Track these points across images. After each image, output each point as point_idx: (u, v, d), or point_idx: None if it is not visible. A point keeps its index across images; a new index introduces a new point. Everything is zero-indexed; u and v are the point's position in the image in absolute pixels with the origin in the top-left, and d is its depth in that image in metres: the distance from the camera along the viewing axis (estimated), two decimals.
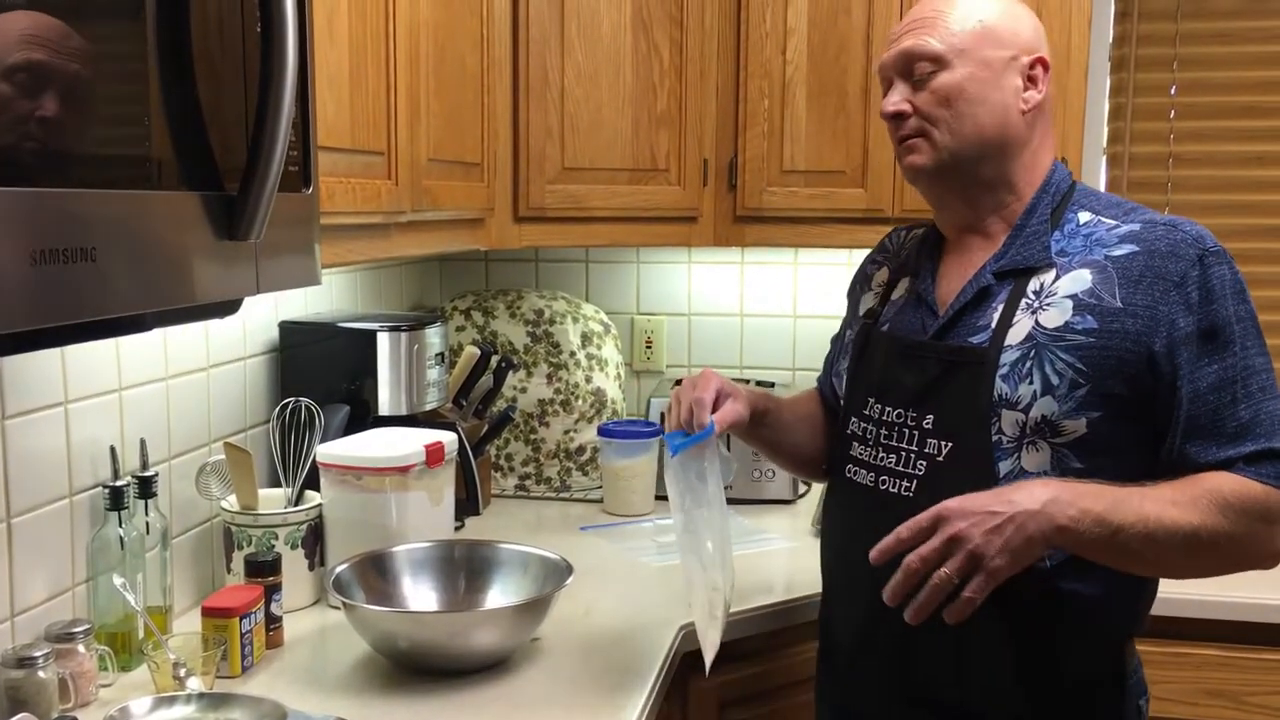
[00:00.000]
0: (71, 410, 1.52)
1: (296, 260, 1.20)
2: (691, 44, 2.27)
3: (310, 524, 1.78)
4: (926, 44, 1.43)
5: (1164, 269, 1.34)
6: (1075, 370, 1.35)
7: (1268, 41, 2.57)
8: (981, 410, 1.38)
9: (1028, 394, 1.36)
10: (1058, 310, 1.37)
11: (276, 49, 1.04)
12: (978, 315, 1.42)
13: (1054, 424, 1.35)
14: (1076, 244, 1.41)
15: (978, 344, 1.40)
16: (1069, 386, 1.34)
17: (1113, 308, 1.35)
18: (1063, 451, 1.36)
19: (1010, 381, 1.37)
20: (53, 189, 0.85)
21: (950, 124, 1.42)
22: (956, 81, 1.41)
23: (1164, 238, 1.37)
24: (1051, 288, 1.39)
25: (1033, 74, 1.44)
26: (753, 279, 2.73)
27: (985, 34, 1.42)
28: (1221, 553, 1.33)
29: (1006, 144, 1.44)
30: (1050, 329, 1.37)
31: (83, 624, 1.43)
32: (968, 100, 1.41)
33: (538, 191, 2.19)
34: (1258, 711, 1.97)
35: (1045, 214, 1.44)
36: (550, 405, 2.50)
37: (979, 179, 1.45)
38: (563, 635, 1.68)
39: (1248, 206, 2.61)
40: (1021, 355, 1.37)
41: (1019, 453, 1.37)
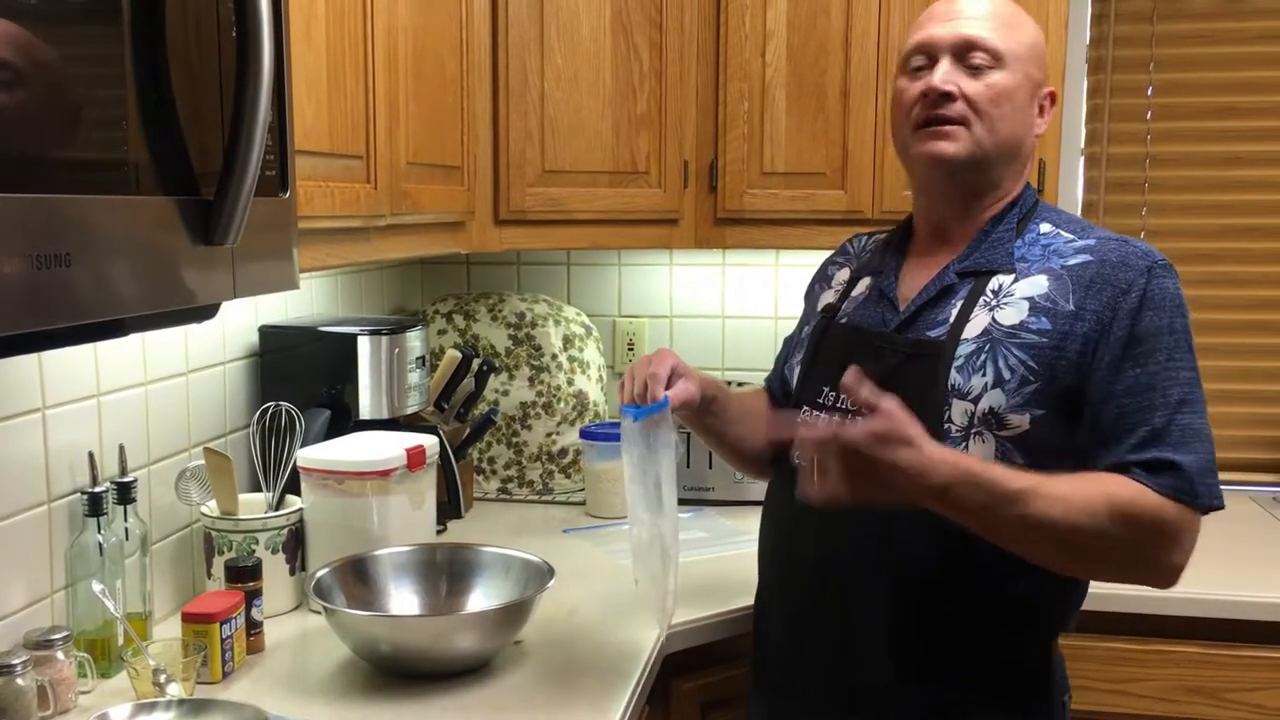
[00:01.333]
0: (49, 416, 1.51)
1: (274, 264, 1.20)
2: (671, 46, 2.28)
3: (291, 529, 1.78)
4: (992, 38, 1.45)
5: (1114, 277, 1.39)
6: (1026, 367, 1.39)
7: (1244, 43, 2.59)
8: (935, 399, 1.41)
9: (979, 385, 1.40)
10: (1014, 309, 1.42)
11: (252, 53, 1.03)
12: (937, 311, 1.47)
13: (1000, 416, 1.39)
14: (1035, 252, 1.46)
15: (936, 337, 1.45)
16: (1019, 382, 1.39)
17: (1065, 310, 1.39)
18: (1007, 445, 1.39)
19: (964, 373, 1.41)
20: (27, 194, 0.84)
21: (993, 123, 1.45)
22: (1012, 84, 1.46)
23: (1116, 250, 1.42)
24: (1010, 289, 1.44)
25: (1043, 104, 1.51)
26: (734, 281, 2.74)
27: (1034, 53, 1.49)
28: (1104, 556, 1.33)
29: (1018, 158, 1.51)
30: (1006, 326, 1.41)
31: (62, 631, 1.42)
32: (1014, 106, 1.46)
33: (518, 194, 2.19)
34: (1237, 708, 1.98)
35: (1012, 223, 1.49)
36: (532, 408, 2.50)
37: (988, 181, 1.50)
38: (545, 638, 1.68)
39: (1224, 207, 2.63)
40: (976, 349, 1.41)
41: (966, 442, 1.40)
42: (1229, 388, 2.65)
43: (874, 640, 1.46)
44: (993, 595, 1.42)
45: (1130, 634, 1.99)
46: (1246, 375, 2.65)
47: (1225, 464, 2.59)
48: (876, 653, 1.46)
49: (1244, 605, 1.97)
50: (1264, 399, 2.65)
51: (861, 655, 1.48)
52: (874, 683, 1.47)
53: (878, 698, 1.47)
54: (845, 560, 1.48)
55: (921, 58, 1.49)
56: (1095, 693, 2.00)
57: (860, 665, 1.48)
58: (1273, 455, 2.65)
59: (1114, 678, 2.00)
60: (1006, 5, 1.51)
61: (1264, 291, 2.63)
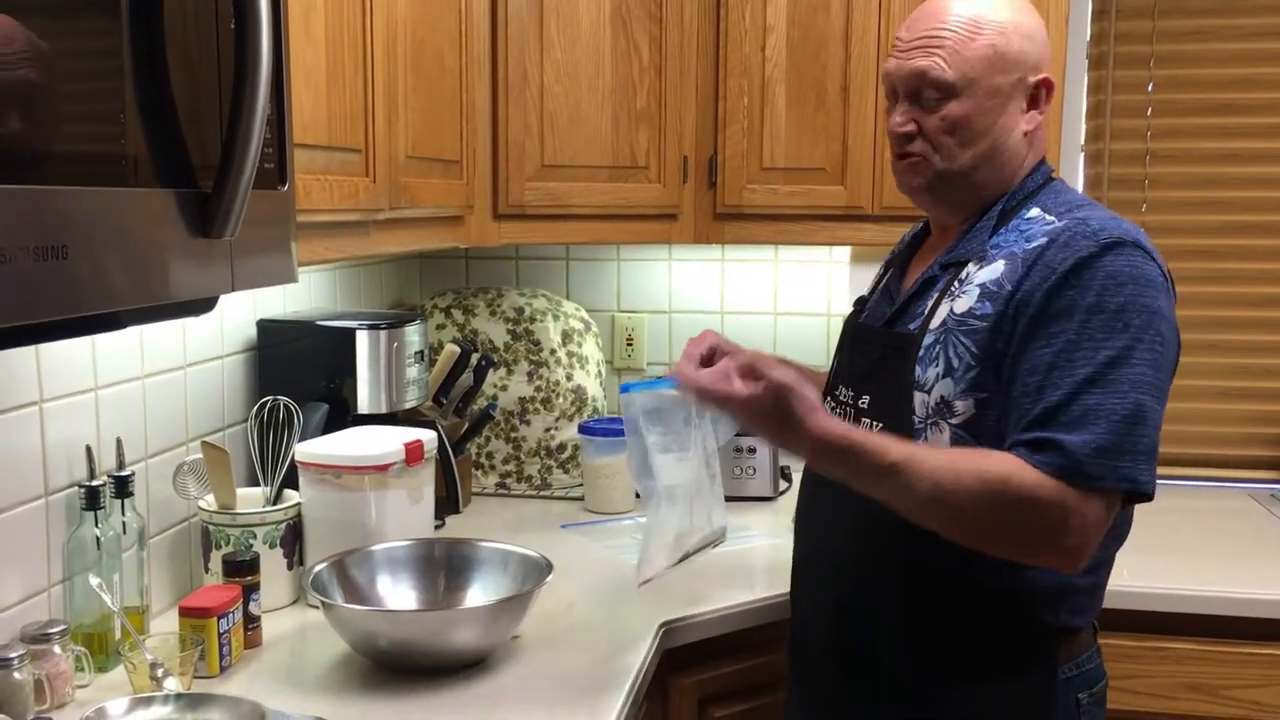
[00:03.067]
0: (47, 410, 1.51)
1: (272, 258, 1.20)
2: (671, 41, 2.27)
3: (289, 523, 1.77)
4: (938, 71, 1.43)
5: (1054, 257, 1.36)
6: (970, 354, 1.39)
7: (1244, 39, 2.59)
8: (903, 392, 1.43)
9: (932, 376, 1.42)
10: (967, 298, 1.42)
11: (251, 45, 1.03)
12: (919, 304, 1.48)
13: (949, 404, 1.40)
14: (1010, 238, 1.44)
15: (911, 330, 1.46)
16: (964, 369, 1.39)
17: (1006, 293, 1.38)
18: (959, 432, 1.40)
19: (923, 364, 1.43)
20: (24, 186, 0.84)
21: (953, 150, 1.46)
22: (964, 113, 1.44)
23: (1070, 230, 1.37)
24: (972, 276, 1.43)
25: (1035, 95, 1.47)
26: (733, 276, 2.74)
27: (995, 60, 1.43)
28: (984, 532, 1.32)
29: (1003, 162, 1.48)
30: (958, 314, 1.42)
31: (59, 625, 1.42)
32: (972, 131, 1.45)
33: (517, 189, 2.19)
34: (1235, 705, 1.98)
35: (995, 213, 1.47)
36: (531, 403, 2.50)
37: (972, 188, 1.49)
38: (543, 633, 1.68)
39: (1224, 203, 2.63)
40: (934, 340, 1.43)
41: (925, 433, 1.42)
42: (1227, 384, 2.65)
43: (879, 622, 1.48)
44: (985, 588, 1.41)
45: (1128, 630, 1.99)
46: (1244, 372, 2.64)
47: (1223, 461, 2.65)
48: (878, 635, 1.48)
49: (1242, 602, 1.97)
50: (1262, 396, 2.65)
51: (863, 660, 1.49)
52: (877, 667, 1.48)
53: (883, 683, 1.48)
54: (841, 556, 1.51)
55: (889, 91, 1.51)
56: None
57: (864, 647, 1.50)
58: (1270, 452, 2.65)
59: (1112, 674, 1.97)
60: (965, 14, 1.44)
61: (1263, 288, 2.63)
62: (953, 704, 1.44)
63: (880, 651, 1.47)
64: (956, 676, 1.44)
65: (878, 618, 1.47)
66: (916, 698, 1.46)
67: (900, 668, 1.46)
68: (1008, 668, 1.43)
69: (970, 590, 1.41)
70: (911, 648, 1.46)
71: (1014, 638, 1.43)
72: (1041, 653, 1.43)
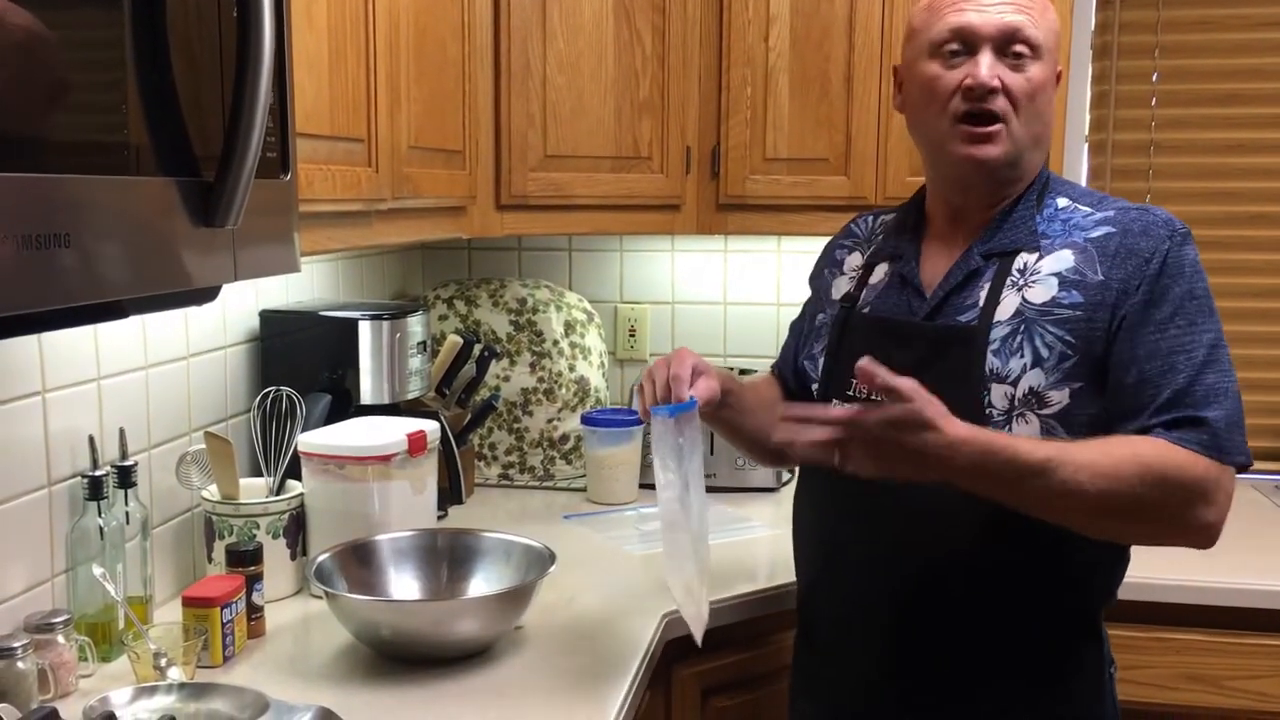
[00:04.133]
0: (50, 399, 1.51)
1: (275, 247, 1.19)
2: (673, 31, 2.27)
3: (292, 513, 1.77)
4: (1032, 28, 1.41)
5: (1137, 246, 1.40)
6: (1064, 343, 1.38)
7: (1248, 29, 2.58)
8: (974, 385, 1.40)
9: (1018, 367, 1.39)
10: (1043, 287, 1.41)
11: (253, 34, 1.03)
12: (965, 295, 1.45)
13: (1040, 395, 1.38)
14: (1056, 228, 1.45)
15: (967, 322, 1.43)
16: (1058, 359, 1.38)
17: (1095, 282, 1.39)
18: (1050, 423, 1.39)
19: (1001, 356, 1.40)
20: (27, 174, 0.84)
21: (1030, 117, 1.43)
22: (1047, 76, 1.44)
23: (1138, 219, 1.42)
24: (1036, 266, 1.43)
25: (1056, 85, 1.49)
26: (736, 267, 2.73)
27: (1058, 38, 1.48)
28: (1137, 517, 1.32)
29: (1044, 146, 1.50)
30: (1038, 304, 1.41)
31: (62, 614, 1.42)
32: (1046, 98, 1.45)
33: (520, 179, 2.19)
34: (1237, 695, 1.98)
35: (1031, 200, 1.47)
36: (533, 394, 2.50)
37: (1019, 171, 1.48)
38: (546, 624, 1.68)
39: (1228, 194, 2.62)
40: (1011, 330, 1.41)
41: (1009, 425, 1.39)
42: None
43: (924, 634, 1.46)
44: (1042, 571, 1.42)
45: (1132, 621, 1.98)
46: (1250, 363, 2.63)
47: None
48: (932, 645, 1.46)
49: (1246, 593, 1.97)
50: (1267, 387, 2.64)
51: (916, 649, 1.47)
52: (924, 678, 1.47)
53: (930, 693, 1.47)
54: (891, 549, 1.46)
55: (958, 44, 1.43)
56: None
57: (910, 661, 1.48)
58: (1275, 444, 2.65)
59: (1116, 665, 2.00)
60: None
61: (1267, 279, 2.62)
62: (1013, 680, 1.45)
63: (943, 645, 1.45)
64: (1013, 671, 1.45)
65: (944, 611, 1.45)
66: (973, 693, 1.45)
67: (962, 663, 1.45)
68: (1063, 655, 1.46)
69: (1037, 580, 1.42)
70: (974, 640, 1.44)
71: (1065, 625, 1.45)
72: (1095, 634, 1.49)
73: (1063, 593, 1.44)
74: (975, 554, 1.42)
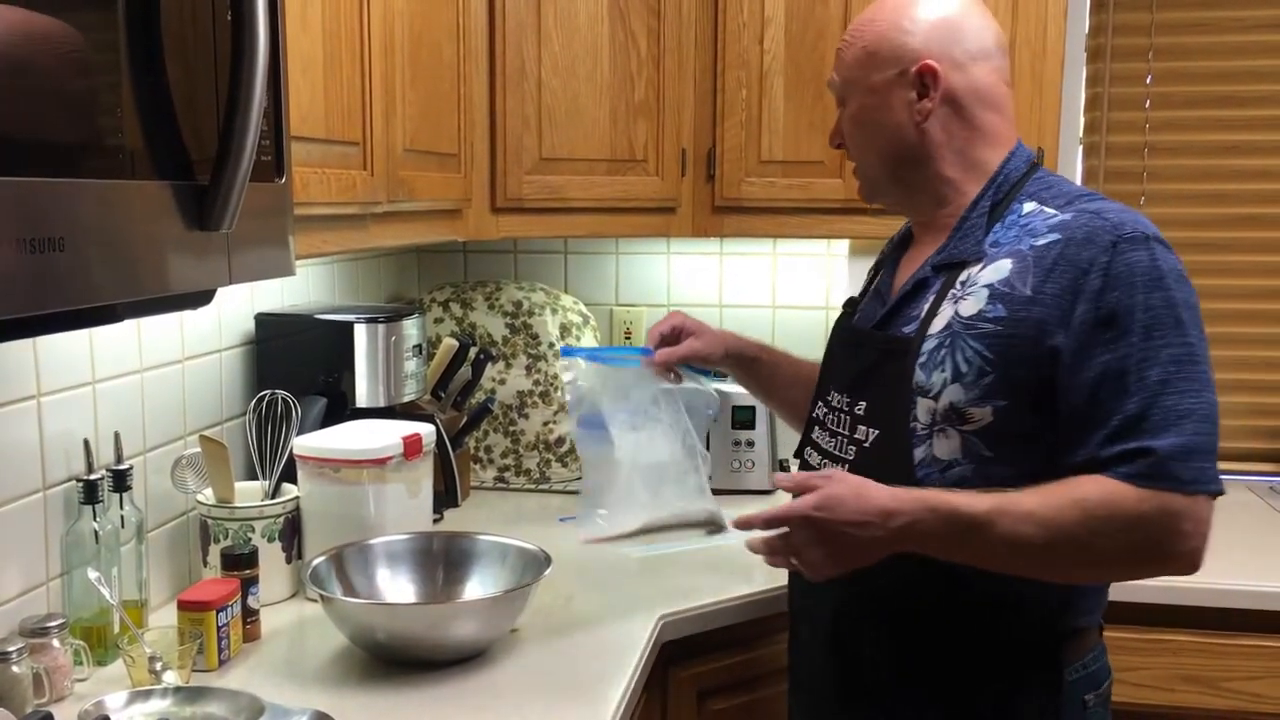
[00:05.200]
0: (44, 403, 1.50)
1: (270, 251, 1.19)
2: (669, 34, 2.27)
3: (287, 517, 1.77)
4: (833, 79, 1.53)
5: (1075, 256, 1.32)
6: (982, 358, 1.34)
7: (1243, 31, 2.59)
8: (902, 398, 1.39)
9: (939, 381, 1.36)
10: (974, 299, 1.37)
11: (247, 37, 1.03)
12: (913, 306, 1.45)
13: (961, 411, 1.35)
14: (1010, 235, 1.39)
15: (908, 333, 1.42)
16: (976, 374, 1.34)
17: (1022, 296, 1.33)
18: (971, 439, 1.35)
19: (926, 370, 1.38)
20: (20, 178, 0.84)
21: (859, 153, 1.53)
22: (852, 115, 1.51)
23: (1084, 225, 1.34)
24: (975, 278, 1.39)
25: (923, 81, 1.44)
26: (731, 270, 2.73)
27: (868, 59, 1.48)
28: (1097, 562, 1.30)
29: (909, 156, 1.47)
30: (965, 318, 1.37)
31: (57, 618, 1.42)
32: (864, 131, 1.51)
33: (515, 182, 2.19)
34: (1233, 697, 1.99)
35: (985, 208, 1.43)
36: (529, 397, 2.50)
37: (906, 187, 1.51)
38: (542, 626, 1.68)
39: (1223, 196, 2.63)
40: (938, 344, 1.38)
41: (930, 440, 1.38)
42: (1226, 377, 2.61)
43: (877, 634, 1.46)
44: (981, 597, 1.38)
45: (1127, 623, 1.99)
46: (1244, 365, 2.64)
47: (1223, 454, 2.60)
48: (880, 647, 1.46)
49: (1241, 594, 1.97)
50: (1262, 388, 2.65)
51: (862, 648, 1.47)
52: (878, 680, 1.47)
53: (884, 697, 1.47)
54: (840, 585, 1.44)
55: None
56: None
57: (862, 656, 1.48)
58: (1270, 445, 2.65)
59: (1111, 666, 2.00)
60: (865, 15, 1.51)
61: (1262, 281, 2.63)
62: (957, 709, 1.42)
63: (881, 657, 1.45)
64: (958, 684, 1.41)
65: (878, 623, 1.44)
66: (919, 703, 1.43)
67: (902, 673, 1.44)
68: (1012, 672, 1.40)
69: (973, 596, 1.38)
70: (913, 654, 1.43)
71: (1017, 641, 1.39)
72: (1047, 656, 1.40)
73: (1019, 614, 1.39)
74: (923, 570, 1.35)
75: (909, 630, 1.42)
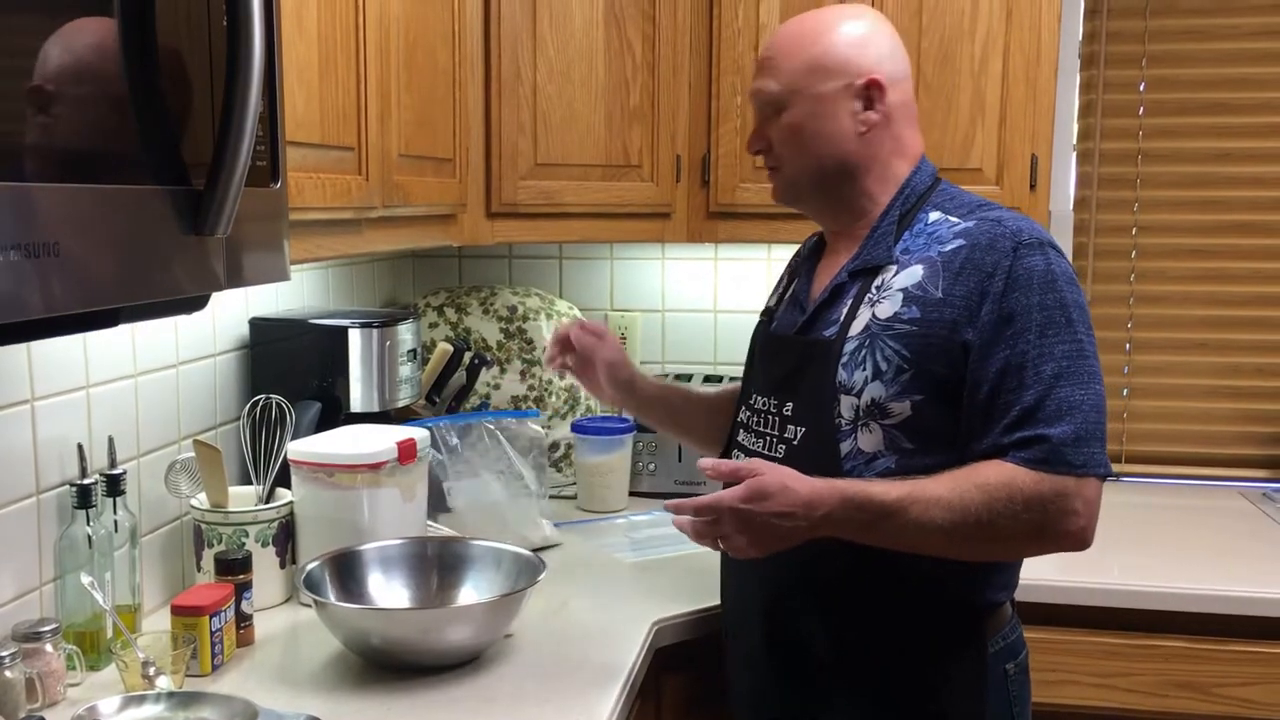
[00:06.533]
0: (38, 408, 1.50)
1: (265, 256, 1.19)
2: (664, 40, 2.27)
3: (281, 521, 1.77)
4: (767, 87, 1.55)
5: (981, 261, 1.43)
6: (900, 356, 1.44)
7: (1236, 39, 2.60)
8: (826, 396, 1.48)
9: (860, 379, 1.46)
10: (890, 302, 1.47)
11: (243, 42, 1.03)
12: (832, 311, 1.53)
13: (882, 406, 1.44)
14: (919, 242, 1.50)
15: (828, 336, 1.50)
16: (895, 372, 1.44)
17: (934, 298, 1.44)
18: (893, 433, 1.45)
19: (848, 369, 1.47)
20: (15, 183, 0.84)
21: (793, 159, 1.55)
22: (794, 121, 1.53)
23: (987, 232, 1.45)
24: (889, 282, 1.48)
25: (869, 95, 1.51)
26: (726, 275, 2.74)
27: (815, 68, 1.52)
28: (999, 540, 1.39)
29: (847, 167, 1.54)
30: (882, 319, 1.46)
31: (50, 623, 1.42)
32: (805, 137, 1.53)
33: (510, 187, 2.19)
34: (1226, 703, 1.99)
35: (894, 217, 1.53)
36: (524, 402, 2.50)
37: (834, 197, 1.57)
38: (536, 631, 1.68)
39: (1215, 202, 2.64)
40: (858, 344, 1.47)
41: (855, 434, 1.47)
42: (1219, 383, 2.65)
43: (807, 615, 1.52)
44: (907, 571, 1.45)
45: (1118, 628, 1.99)
46: (1236, 371, 2.65)
47: (1215, 460, 2.65)
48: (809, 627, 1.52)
49: (1233, 600, 1.97)
50: (1254, 395, 2.65)
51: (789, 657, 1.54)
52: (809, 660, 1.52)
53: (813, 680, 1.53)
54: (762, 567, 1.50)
55: None
56: (1083, 687, 2.01)
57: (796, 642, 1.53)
58: (1262, 451, 2.66)
59: (1102, 672, 2.01)
60: (796, 29, 1.55)
61: (1254, 288, 2.64)
62: (889, 686, 1.49)
63: (813, 641, 1.51)
64: (891, 659, 1.48)
65: (809, 608, 1.51)
66: (851, 683, 1.50)
67: (833, 656, 1.50)
68: (940, 647, 1.48)
69: (896, 576, 1.45)
70: (842, 636, 1.49)
71: (942, 618, 1.48)
72: (970, 629, 1.49)
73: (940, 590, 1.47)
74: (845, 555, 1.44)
75: (842, 614, 1.49)
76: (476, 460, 2.09)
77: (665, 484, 2.44)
